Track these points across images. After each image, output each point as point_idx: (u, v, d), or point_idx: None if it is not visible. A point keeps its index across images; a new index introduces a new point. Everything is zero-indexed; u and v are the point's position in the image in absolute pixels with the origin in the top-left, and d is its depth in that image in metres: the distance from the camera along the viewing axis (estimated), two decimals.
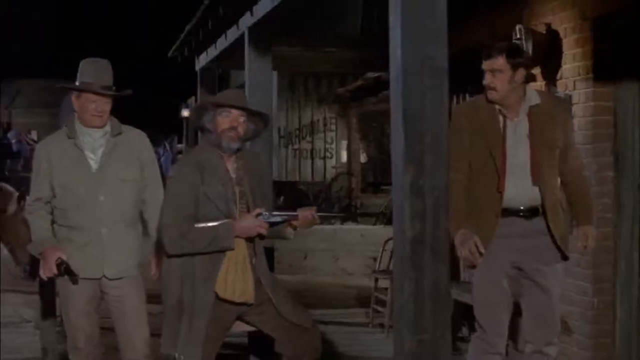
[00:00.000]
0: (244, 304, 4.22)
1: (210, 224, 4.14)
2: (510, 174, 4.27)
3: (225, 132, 4.23)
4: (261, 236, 4.28)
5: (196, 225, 4.13)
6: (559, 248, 4.31)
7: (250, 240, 4.24)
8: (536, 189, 4.29)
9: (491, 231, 4.28)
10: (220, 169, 4.24)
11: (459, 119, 4.47)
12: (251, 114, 4.35)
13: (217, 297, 4.16)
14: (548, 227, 4.29)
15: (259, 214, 4.21)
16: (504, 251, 4.29)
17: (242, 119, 4.28)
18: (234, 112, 4.26)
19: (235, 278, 4.16)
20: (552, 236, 4.30)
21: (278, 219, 4.28)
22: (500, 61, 4.30)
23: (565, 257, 4.36)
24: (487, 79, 4.31)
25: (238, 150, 4.29)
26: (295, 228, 4.38)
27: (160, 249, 4.61)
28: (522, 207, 4.29)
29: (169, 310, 4.21)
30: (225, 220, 4.17)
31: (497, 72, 4.28)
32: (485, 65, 4.32)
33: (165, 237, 4.16)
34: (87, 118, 4.47)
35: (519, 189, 4.28)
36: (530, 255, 4.30)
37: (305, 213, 4.32)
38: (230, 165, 4.28)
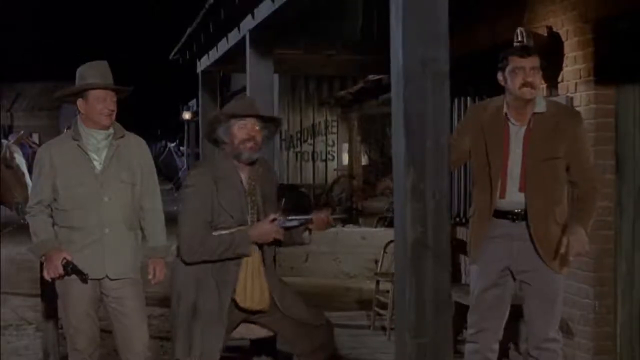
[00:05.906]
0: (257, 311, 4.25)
1: (226, 232, 4.16)
2: (508, 178, 4.28)
3: (244, 142, 4.23)
4: (279, 243, 4.29)
5: (213, 233, 4.15)
6: (541, 257, 4.24)
7: (261, 247, 4.25)
8: (523, 195, 4.27)
9: (484, 231, 4.31)
10: (234, 180, 4.25)
11: (466, 121, 4.56)
12: (264, 120, 4.35)
13: (236, 305, 4.18)
14: (531, 234, 4.25)
15: (274, 220, 4.21)
16: (498, 252, 4.31)
17: (257, 128, 4.28)
18: (249, 121, 4.25)
19: (253, 286, 4.18)
20: (535, 246, 4.24)
21: (294, 223, 4.29)
22: (538, 59, 4.28)
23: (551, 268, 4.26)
24: (527, 77, 4.20)
25: (256, 159, 4.30)
26: (310, 231, 4.38)
27: (159, 254, 4.62)
28: (515, 211, 4.29)
29: (181, 316, 4.21)
30: (241, 227, 4.18)
31: (535, 69, 4.24)
32: (527, 62, 4.22)
33: (184, 245, 4.17)
34: (97, 118, 4.48)
35: (512, 193, 4.28)
36: (519, 258, 4.29)
37: (319, 215, 4.33)
38: (244, 175, 4.29)
